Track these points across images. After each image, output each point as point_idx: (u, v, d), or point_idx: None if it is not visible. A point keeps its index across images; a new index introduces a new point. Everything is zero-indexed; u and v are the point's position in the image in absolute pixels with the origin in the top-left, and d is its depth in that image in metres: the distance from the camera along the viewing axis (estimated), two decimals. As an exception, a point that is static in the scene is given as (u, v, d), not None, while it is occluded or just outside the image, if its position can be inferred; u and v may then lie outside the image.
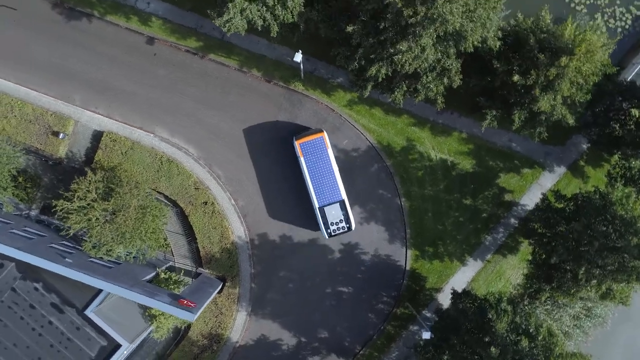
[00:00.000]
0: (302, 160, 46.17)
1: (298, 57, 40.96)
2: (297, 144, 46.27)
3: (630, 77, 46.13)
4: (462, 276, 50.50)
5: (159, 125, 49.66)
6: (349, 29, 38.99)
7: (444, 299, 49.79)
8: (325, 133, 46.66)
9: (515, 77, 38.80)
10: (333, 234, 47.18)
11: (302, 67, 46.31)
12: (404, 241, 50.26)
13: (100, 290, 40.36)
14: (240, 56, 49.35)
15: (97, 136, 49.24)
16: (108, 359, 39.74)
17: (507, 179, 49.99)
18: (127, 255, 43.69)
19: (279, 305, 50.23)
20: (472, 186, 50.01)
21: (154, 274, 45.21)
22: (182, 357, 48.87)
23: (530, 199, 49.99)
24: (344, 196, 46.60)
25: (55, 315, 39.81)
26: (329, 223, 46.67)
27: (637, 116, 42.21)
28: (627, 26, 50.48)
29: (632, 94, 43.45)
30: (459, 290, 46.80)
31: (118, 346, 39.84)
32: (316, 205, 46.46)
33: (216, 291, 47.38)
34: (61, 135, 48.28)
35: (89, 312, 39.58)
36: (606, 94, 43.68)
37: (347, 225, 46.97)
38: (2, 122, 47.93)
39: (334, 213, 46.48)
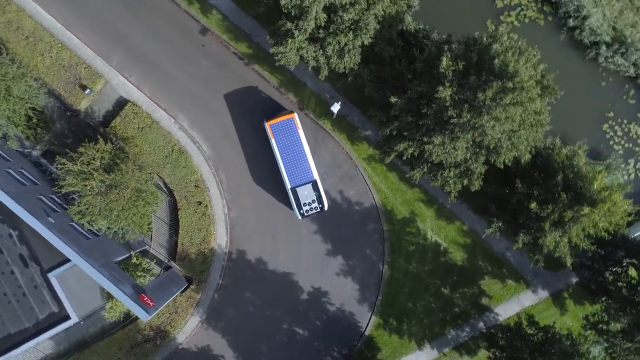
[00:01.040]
0: (273, 141, 46.11)
1: (336, 107, 41.15)
2: (267, 125, 46.21)
3: (637, 235, 46.36)
4: (415, 359, 50.58)
5: (183, 112, 49.71)
6: (393, 99, 39.11)
7: (390, 375, 49.95)
8: (296, 114, 46.51)
9: (533, 205, 38.92)
10: (306, 214, 47.15)
11: (336, 111, 46.42)
12: (372, 306, 50.35)
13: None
14: (283, 77, 49.42)
15: (121, 103, 49.29)
16: (53, 326, 39.77)
17: (490, 284, 50.10)
18: (107, 230, 43.63)
19: (233, 323, 50.29)
20: (455, 278, 50.12)
21: (126, 255, 45.28)
22: (125, 339, 48.88)
23: (505, 311, 50.13)
24: (316, 176, 46.60)
25: (19, 267, 39.88)
26: (302, 204, 46.66)
27: (632, 277, 42.34)
28: (654, 182, 50.68)
29: (637, 253, 43.55)
30: (407, 374, 46.93)
31: (67, 317, 39.89)
32: (288, 186, 46.44)
33: (179, 292, 47.44)
34: (87, 91, 48.30)
35: (51, 276, 39.62)
36: (610, 244, 43.79)
37: (320, 206, 47.00)
38: (37, 59, 47.93)
39: (306, 193, 46.48)
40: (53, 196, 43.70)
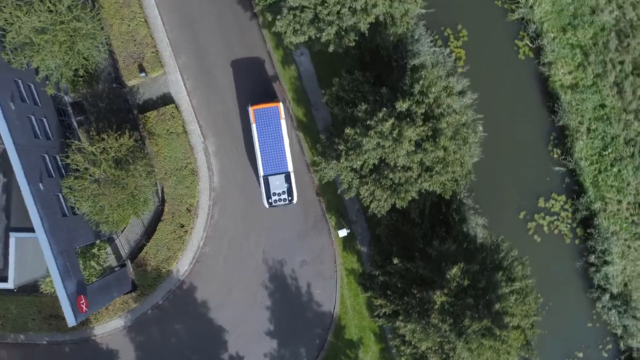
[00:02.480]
0: (253, 126, 45.83)
1: (342, 233, 41.41)
2: (251, 109, 45.97)
3: None
4: None
5: (214, 137, 49.76)
6: (395, 260, 39.23)
7: None
8: (281, 104, 46.29)
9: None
10: (274, 204, 46.65)
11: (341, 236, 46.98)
12: (279, 400, 50.69)
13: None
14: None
15: (165, 100, 49.34)
16: (-12, 281, 39.95)
17: None
18: (87, 213, 43.54)
19: (150, 344, 50.43)
20: (362, 420, 50.45)
21: (91, 242, 45.36)
22: (48, 306, 48.78)
23: None
24: (291, 169, 46.21)
25: (-11, 213, 40.01)
26: (272, 193, 46.21)
27: None
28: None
29: None
30: None
31: (4, 279, 39.92)
32: (261, 173, 46.10)
33: (117, 297, 47.49)
34: (142, 74, 48.29)
35: (12, 235, 39.61)
36: None
37: (289, 198, 46.56)
38: (116, 21, 47.82)
39: (277, 183, 46.05)
40: (57, 157, 43.72)
